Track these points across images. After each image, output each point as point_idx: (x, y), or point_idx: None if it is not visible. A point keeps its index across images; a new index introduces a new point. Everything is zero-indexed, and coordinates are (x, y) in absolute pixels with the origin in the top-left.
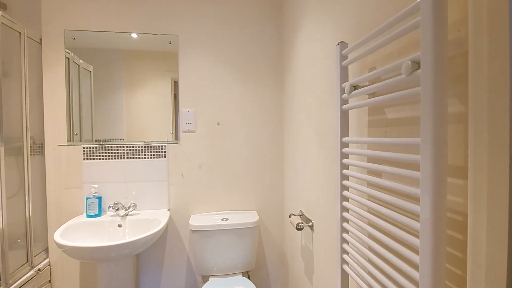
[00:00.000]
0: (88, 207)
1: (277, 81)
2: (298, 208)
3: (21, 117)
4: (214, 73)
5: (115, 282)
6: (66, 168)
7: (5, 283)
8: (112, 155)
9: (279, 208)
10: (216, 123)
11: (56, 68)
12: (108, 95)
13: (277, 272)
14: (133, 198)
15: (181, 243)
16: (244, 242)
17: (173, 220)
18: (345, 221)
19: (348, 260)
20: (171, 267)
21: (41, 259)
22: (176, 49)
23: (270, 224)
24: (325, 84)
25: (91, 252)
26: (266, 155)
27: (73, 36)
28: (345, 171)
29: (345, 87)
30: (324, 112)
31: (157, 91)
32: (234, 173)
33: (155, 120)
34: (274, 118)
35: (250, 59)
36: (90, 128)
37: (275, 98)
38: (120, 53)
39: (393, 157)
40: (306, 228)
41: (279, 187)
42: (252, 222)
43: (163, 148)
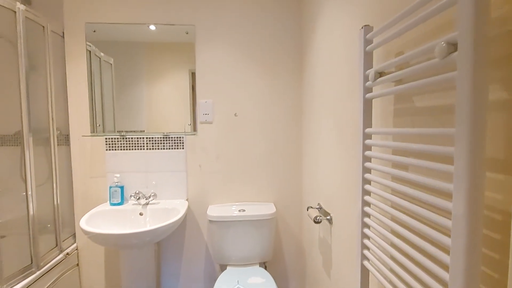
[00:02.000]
0: (112, 195)
1: (296, 71)
2: (316, 201)
3: (47, 109)
4: (231, 64)
5: (137, 268)
6: (91, 158)
7: (36, 266)
8: (133, 146)
9: (297, 201)
10: (234, 114)
11: (79, 61)
12: (129, 87)
13: (295, 264)
14: (153, 187)
15: (200, 232)
16: (261, 233)
17: (191, 210)
18: (366, 216)
19: (369, 256)
20: (191, 255)
21: (69, 243)
22: (193, 40)
23: (287, 216)
24: (346, 72)
25: (115, 239)
26: (284, 146)
27: (93, 29)
28: (368, 164)
29: (369, 74)
30: (345, 102)
31: (176, 82)
32: (251, 164)
33: (173, 111)
34: (292, 108)
35: (268, 48)
36: (112, 120)
37: (294, 88)
38: (139, 45)
39: (423, 149)
40: (324, 222)
41: (297, 179)
42: (269, 214)
43: (181, 139)
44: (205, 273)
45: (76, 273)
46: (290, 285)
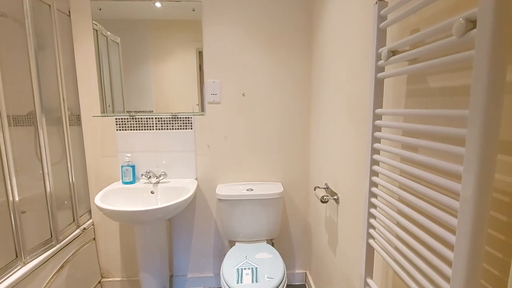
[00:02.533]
0: (123, 174)
1: (305, 49)
2: (323, 181)
3: (57, 89)
4: (239, 42)
5: (151, 242)
6: (102, 138)
7: (56, 239)
8: (143, 126)
9: (304, 180)
10: (241, 94)
11: (86, 40)
12: (136, 66)
13: (301, 241)
14: (163, 167)
15: (209, 210)
16: (268, 211)
17: (200, 189)
18: (373, 196)
19: (374, 235)
20: (201, 231)
21: (85, 219)
22: (200, 17)
23: (295, 195)
24: (357, 50)
25: (128, 215)
26: (292, 126)
27: (99, 7)
28: (377, 144)
29: (382, 52)
30: (356, 81)
31: (183, 62)
32: (259, 144)
33: (181, 91)
34: (301, 88)
35: (277, 26)
36: (122, 100)
37: (303, 67)
38: (145, 23)
39: (434, 131)
40: (331, 201)
41: (304, 159)
42: (277, 193)
43: (190, 119)
44: (214, 248)
45: (93, 247)
46: (296, 261)
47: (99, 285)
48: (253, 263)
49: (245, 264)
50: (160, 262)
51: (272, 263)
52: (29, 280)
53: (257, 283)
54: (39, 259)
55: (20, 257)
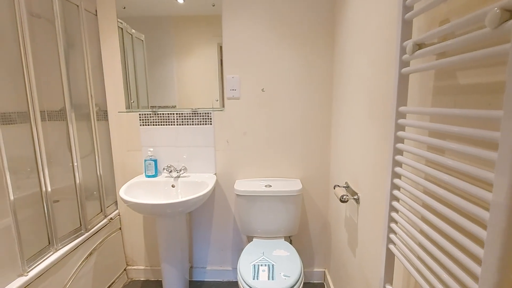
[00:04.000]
0: (146, 168)
1: (327, 43)
2: (343, 180)
3: (86, 85)
4: (258, 36)
5: (171, 234)
6: (127, 133)
7: (85, 228)
8: (164, 121)
9: (324, 178)
10: (261, 90)
11: (111, 38)
12: (160, 62)
13: (320, 239)
14: (184, 161)
15: (228, 205)
16: (286, 208)
17: (219, 184)
18: (395, 200)
19: (396, 240)
20: (219, 226)
21: (112, 210)
22: (220, 12)
23: (314, 193)
24: (381, 44)
25: (150, 208)
26: (313, 123)
27: (123, 5)
28: (400, 145)
29: (407, 46)
30: (379, 77)
31: (204, 57)
32: (278, 140)
33: (202, 86)
34: (322, 83)
35: (298, 20)
36: (146, 96)
37: (324, 62)
38: (168, 20)
39: (464, 133)
40: (351, 201)
41: (325, 156)
42: (295, 190)
43: (209, 115)
44: (233, 242)
45: (119, 236)
46: (315, 259)
47: (125, 273)
48: (270, 260)
49: (262, 260)
50: (181, 253)
51: (289, 261)
52: (60, 265)
53: (273, 281)
54: (69, 246)
55: (52, 244)
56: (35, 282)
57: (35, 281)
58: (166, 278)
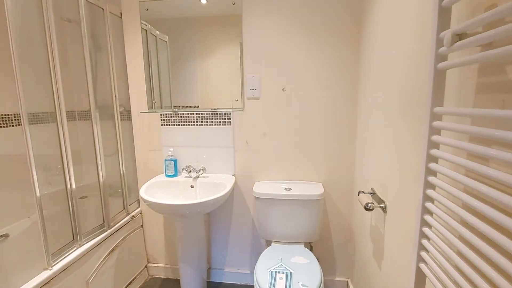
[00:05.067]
0: (166, 168)
1: (353, 39)
2: (369, 185)
3: (110, 86)
4: (279, 34)
5: (190, 234)
6: (149, 133)
7: (107, 225)
8: (185, 122)
9: (348, 182)
10: (281, 89)
11: (135, 40)
12: (183, 63)
13: (343, 247)
14: (203, 162)
15: (246, 207)
16: (307, 213)
17: (238, 185)
18: (427, 213)
19: (427, 259)
20: (238, 228)
21: (134, 207)
22: (240, 10)
23: (337, 198)
24: (414, 37)
25: (169, 208)
26: (336, 124)
27: (146, 7)
28: (434, 151)
29: (445, 37)
30: (411, 74)
31: (226, 57)
32: (299, 142)
33: (224, 86)
34: (346, 82)
35: (321, 14)
36: (169, 96)
37: (349, 59)
38: (191, 21)
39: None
40: (378, 209)
41: (349, 160)
42: (317, 195)
43: (229, 115)
44: (251, 245)
45: (141, 233)
46: (337, 268)
47: (145, 269)
48: (288, 267)
49: (279, 267)
50: (199, 254)
51: (309, 269)
52: (83, 260)
53: None
54: (92, 242)
55: (76, 239)
56: (59, 276)
57: (59, 275)
58: (184, 277)
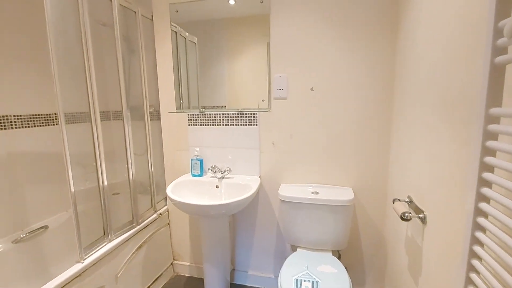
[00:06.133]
0: (193, 167)
1: (389, 34)
2: (405, 193)
3: (141, 87)
4: (308, 32)
5: (214, 234)
6: (176, 132)
7: (136, 222)
8: (211, 122)
9: (380, 189)
10: (310, 89)
11: (165, 42)
12: (212, 64)
13: (373, 258)
14: (229, 162)
15: (271, 210)
16: (335, 219)
17: (263, 187)
18: (479, 230)
19: (478, 283)
20: (263, 230)
21: (162, 205)
22: (268, 9)
23: (368, 204)
24: (464, 26)
25: (194, 208)
26: (369, 125)
27: (176, 9)
28: (489, 159)
29: (505, 26)
30: (458, 70)
31: (254, 57)
32: (328, 144)
33: (251, 86)
34: (381, 81)
35: (353, 10)
36: (197, 96)
37: (384, 56)
38: (219, 22)
39: None
40: (415, 220)
41: (382, 164)
42: (346, 200)
43: (255, 115)
44: (276, 249)
45: (167, 231)
46: (366, 278)
47: (171, 267)
48: (314, 276)
49: (305, 275)
50: (222, 254)
51: (337, 280)
52: (113, 255)
53: None
54: (121, 238)
55: (107, 235)
56: (90, 269)
57: (90, 268)
58: (208, 277)
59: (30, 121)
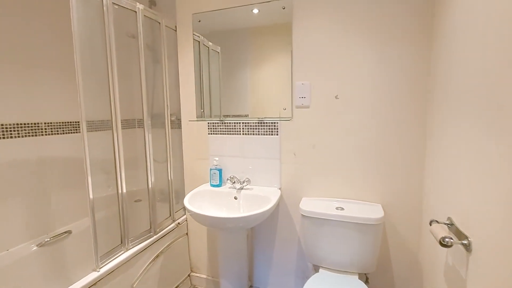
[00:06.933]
0: (211, 177)
1: (423, 38)
2: (444, 213)
3: (163, 96)
4: (332, 36)
5: (231, 248)
6: (196, 141)
7: (153, 231)
8: (231, 131)
9: (414, 207)
10: (334, 97)
11: (187, 51)
12: (235, 72)
13: (405, 284)
14: (248, 173)
15: (292, 224)
16: (362, 239)
17: (284, 200)
18: None
19: None
20: (283, 246)
21: (180, 215)
22: (291, 17)
23: (399, 224)
24: None
25: (211, 220)
26: (400, 135)
27: (199, 19)
28: None
29: None
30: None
31: (277, 65)
32: (354, 155)
33: (274, 95)
34: (413, 88)
35: (382, 12)
36: (219, 105)
37: (418, 61)
38: (243, 31)
39: None
40: (458, 246)
41: (416, 179)
42: (375, 219)
43: (276, 125)
44: (297, 268)
45: (185, 241)
46: None
47: (188, 278)
48: None
49: None
50: (239, 269)
51: None
52: (129, 265)
53: None
54: (138, 247)
55: (124, 243)
56: (106, 278)
57: (106, 277)
58: None
59: (59, 128)
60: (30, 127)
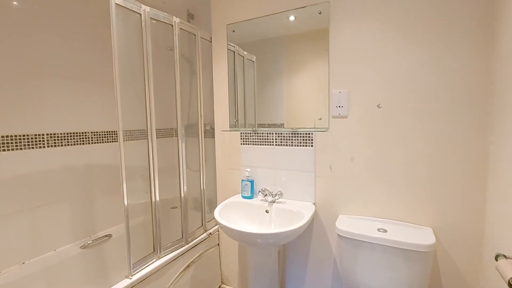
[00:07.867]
0: (243, 188)
1: (480, 40)
2: None
3: (197, 106)
4: (373, 40)
5: (262, 264)
6: (229, 151)
7: (185, 240)
8: (263, 141)
9: (473, 234)
10: (376, 106)
11: (222, 61)
12: (270, 81)
13: None
14: (280, 185)
15: (327, 243)
16: (409, 268)
17: (318, 216)
18: None
19: None
20: (316, 266)
21: (212, 224)
22: (327, 21)
23: (455, 253)
24: None
25: (240, 235)
26: (454, 149)
27: (233, 29)
28: None
29: None
30: None
31: (314, 73)
32: (398, 172)
33: (310, 104)
34: (471, 96)
35: (430, 13)
36: (253, 114)
37: (475, 65)
38: (278, 40)
39: None
40: None
41: (475, 202)
42: (426, 245)
43: (310, 135)
44: None
45: (216, 252)
46: None
47: None
48: None
49: None
50: (269, 285)
51: None
52: (160, 273)
53: None
54: (170, 256)
55: (156, 251)
56: (138, 285)
57: (138, 284)
58: None
59: (104, 137)
60: (78, 136)
